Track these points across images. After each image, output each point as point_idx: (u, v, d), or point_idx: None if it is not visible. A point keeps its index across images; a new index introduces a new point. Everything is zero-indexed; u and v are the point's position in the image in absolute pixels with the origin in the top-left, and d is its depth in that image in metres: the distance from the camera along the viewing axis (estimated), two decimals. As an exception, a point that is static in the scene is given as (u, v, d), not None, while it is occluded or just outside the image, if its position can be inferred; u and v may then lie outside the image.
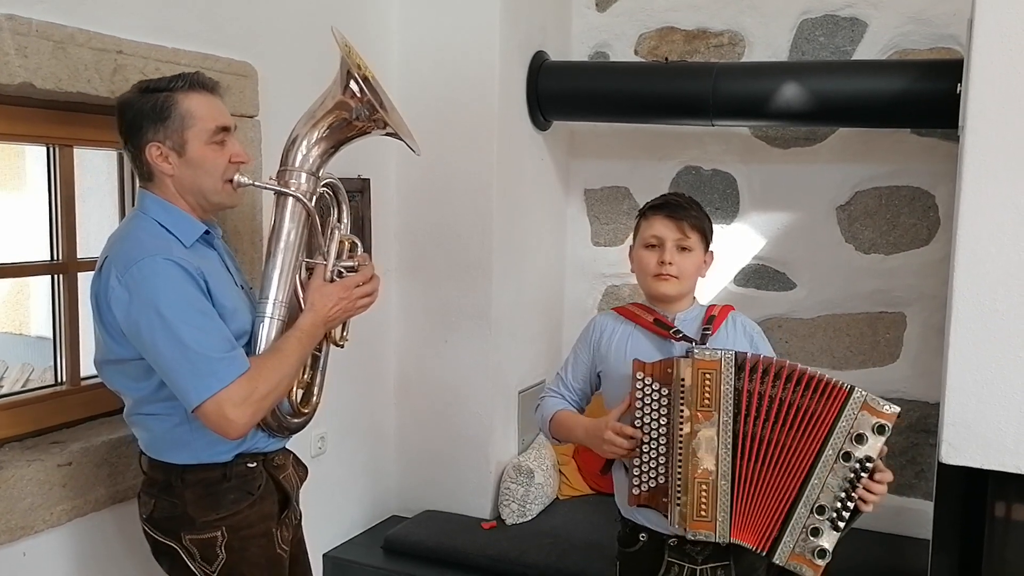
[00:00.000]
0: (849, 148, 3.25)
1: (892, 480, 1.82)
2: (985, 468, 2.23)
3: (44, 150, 2.23)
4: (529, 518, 3.20)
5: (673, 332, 1.97)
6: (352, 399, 3.12)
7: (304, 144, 1.90)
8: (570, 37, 3.61)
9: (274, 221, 1.89)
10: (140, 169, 1.83)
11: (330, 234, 1.96)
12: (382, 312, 3.24)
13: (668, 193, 2.14)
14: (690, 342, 1.94)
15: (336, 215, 2.01)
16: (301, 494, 2.06)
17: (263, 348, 1.82)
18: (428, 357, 3.31)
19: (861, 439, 1.77)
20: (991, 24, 2.15)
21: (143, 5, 2.20)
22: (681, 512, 1.84)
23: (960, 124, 2.40)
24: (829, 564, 1.80)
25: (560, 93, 3.32)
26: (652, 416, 1.88)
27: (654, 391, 1.88)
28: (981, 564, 2.31)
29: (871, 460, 1.77)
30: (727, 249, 3.38)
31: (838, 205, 3.28)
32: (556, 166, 3.60)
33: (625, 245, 3.54)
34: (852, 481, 1.78)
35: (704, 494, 1.83)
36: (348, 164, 2.49)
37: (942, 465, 2.28)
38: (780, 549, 1.81)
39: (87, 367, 2.28)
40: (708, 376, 1.82)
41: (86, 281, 2.16)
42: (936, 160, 3.13)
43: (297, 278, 1.89)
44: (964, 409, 2.23)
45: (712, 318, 2.00)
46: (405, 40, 3.21)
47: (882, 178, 3.22)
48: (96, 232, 2.26)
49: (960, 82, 2.41)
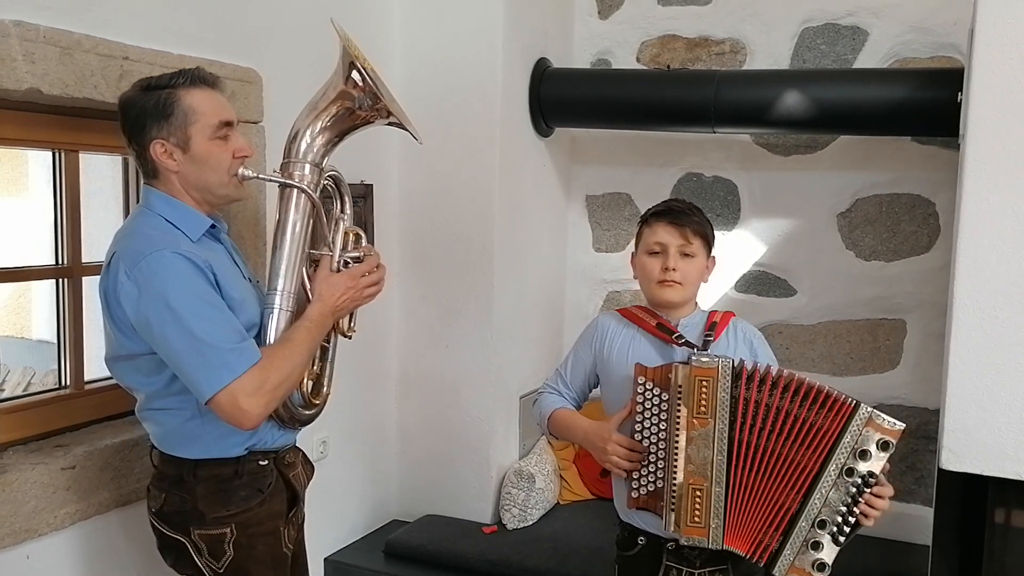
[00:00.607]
0: (850, 156, 3.26)
1: (893, 495, 1.83)
2: (985, 474, 2.24)
3: (48, 155, 2.23)
4: (530, 523, 3.20)
5: (676, 337, 1.97)
6: (354, 403, 3.13)
7: (308, 135, 1.89)
8: (572, 44, 3.62)
9: (279, 213, 1.89)
10: (145, 167, 1.83)
11: (335, 225, 1.97)
12: (384, 316, 3.26)
13: (670, 199, 2.15)
14: (692, 347, 1.94)
15: (339, 206, 2.01)
16: (302, 496, 2.07)
17: (273, 339, 1.82)
18: (429, 361, 3.32)
19: (865, 455, 1.77)
20: (992, 33, 2.17)
21: (149, 11, 2.21)
22: (675, 517, 1.85)
23: (960, 132, 2.42)
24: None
25: (562, 100, 3.34)
26: (652, 420, 1.90)
27: (655, 395, 1.90)
28: (981, 570, 2.32)
29: (874, 476, 1.78)
30: (728, 255, 3.38)
31: (839, 212, 3.29)
32: (558, 172, 3.61)
33: (626, 251, 3.57)
34: (855, 496, 1.78)
35: (698, 500, 1.84)
36: (351, 170, 2.49)
37: (942, 471, 2.29)
38: (780, 562, 1.81)
39: (91, 370, 2.29)
40: (705, 383, 1.83)
41: (90, 285, 2.17)
42: (936, 168, 3.14)
43: (304, 269, 1.89)
44: (964, 416, 2.24)
45: (714, 324, 2.00)
46: (408, 47, 3.22)
47: (883, 186, 3.23)
48: (100, 236, 2.25)
49: (961, 91, 2.42)
